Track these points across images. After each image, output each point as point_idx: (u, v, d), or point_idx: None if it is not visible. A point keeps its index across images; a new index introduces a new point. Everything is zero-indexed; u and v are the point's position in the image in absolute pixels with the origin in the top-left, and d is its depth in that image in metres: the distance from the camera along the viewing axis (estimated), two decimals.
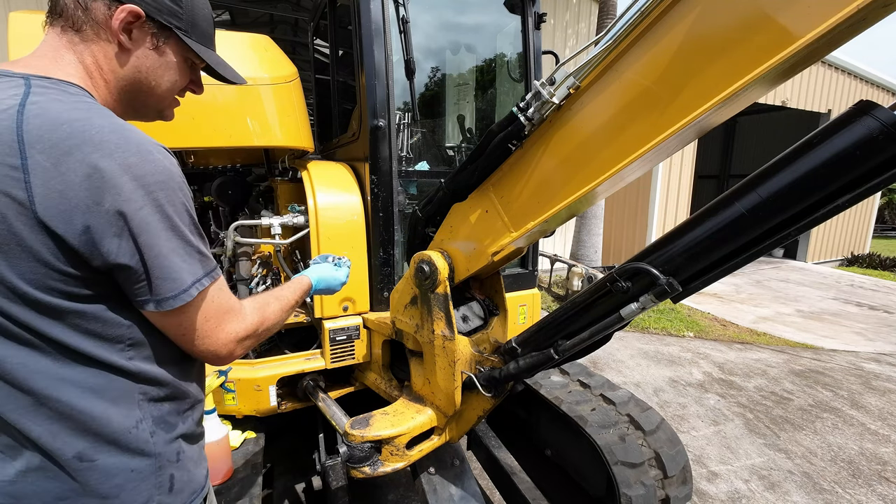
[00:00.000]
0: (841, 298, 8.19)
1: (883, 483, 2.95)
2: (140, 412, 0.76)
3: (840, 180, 0.85)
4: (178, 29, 0.82)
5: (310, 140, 2.21)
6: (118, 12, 0.74)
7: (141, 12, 0.76)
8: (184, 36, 0.83)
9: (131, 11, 0.75)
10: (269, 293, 1.01)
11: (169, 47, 0.83)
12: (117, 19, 0.74)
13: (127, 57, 0.79)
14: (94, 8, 0.74)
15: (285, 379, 2.01)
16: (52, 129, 0.63)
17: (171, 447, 0.81)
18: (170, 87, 0.87)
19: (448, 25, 2.68)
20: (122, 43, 0.77)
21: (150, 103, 0.88)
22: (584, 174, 1.12)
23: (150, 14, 0.77)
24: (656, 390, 4.23)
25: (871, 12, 0.69)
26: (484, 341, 1.65)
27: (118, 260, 0.67)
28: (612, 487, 1.62)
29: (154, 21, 0.78)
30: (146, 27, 0.79)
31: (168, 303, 0.72)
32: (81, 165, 0.63)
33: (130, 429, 0.75)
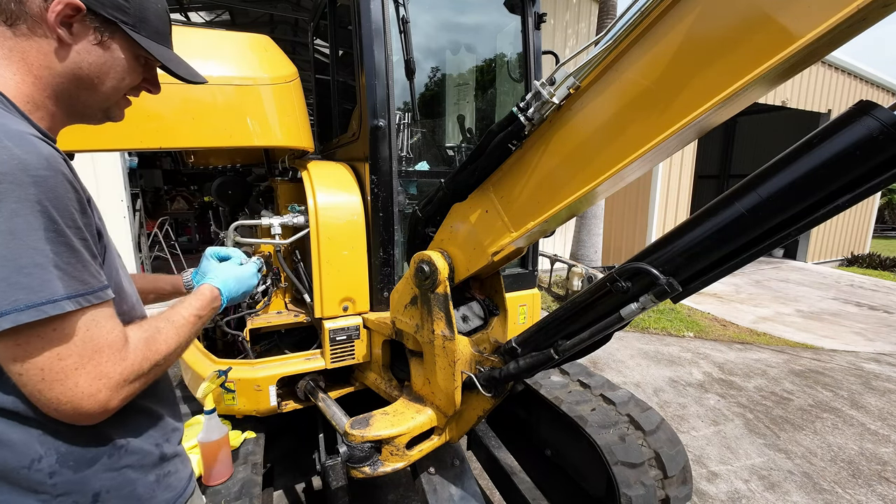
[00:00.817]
0: (841, 298, 8.19)
1: (883, 483, 2.95)
2: (40, 448, 0.66)
3: (840, 180, 0.85)
4: (125, 24, 0.75)
5: (310, 140, 2.21)
6: (55, 4, 0.68)
7: (80, 5, 0.69)
8: (131, 31, 0.76)
9: (70, 4, 0.68)
10: (155, 318, 0.83)
11: (115, 43, 0.76)
12: (53, 12, 0.68)
13: (66, 52, 0.72)
14: (29, 1, 0.68)
15: (285, 379, 2.01)
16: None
17: (83, 487, 0.70)
18: (115, 84, 0.80)
19: (448, 25, 2.68)
20: (60, 38, 0.71)
21: (93, 102, 0.81)
22: (585, 174, 1.13)
23: (91, 7, 0.71)
24: (656, 390, 4.23)
25: (871, 12, 0.69)
26: (484, 341, 1.65)
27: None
28: (612, 487, 1.62)
29: (97, 15, 0.72)
30: (88, 21, 0.72)
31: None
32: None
33: (21, 468, 0.65)
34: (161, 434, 0.84)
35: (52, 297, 0.59)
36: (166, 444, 0.84)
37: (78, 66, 0.74)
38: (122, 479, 0.75)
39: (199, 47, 1.78)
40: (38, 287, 0.58)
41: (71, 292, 0.62)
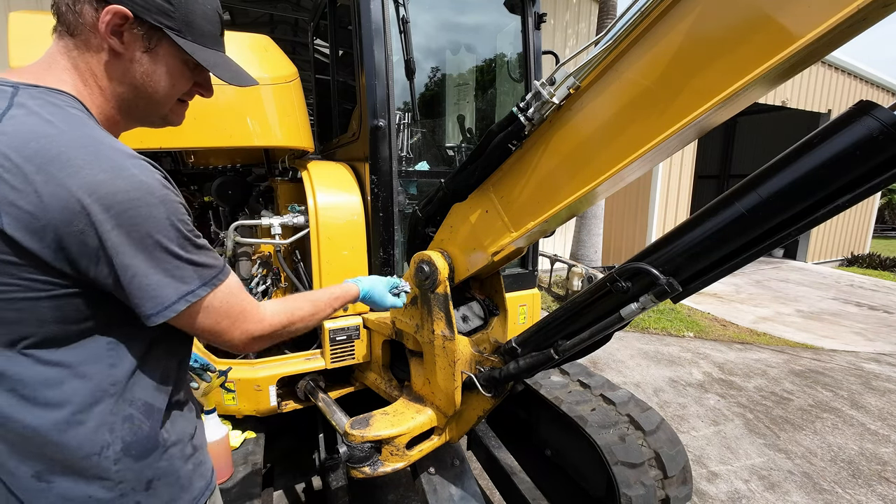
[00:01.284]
0: (841, 298, 8.19)
1: (883, 483, 2.95)
2: (108, 436, 0.73)
3: (840, 180, 0.85)
4: (170, 29, 0.76)
5: (310, 140, 2.21)
6: (104, 14, 0.70)
7: (128, 13, 0.70)
8: (176, 36, 0.77)
9: (117, 13, 0.70)
10: (304, 295, 1.02)
11: (162, 49, 0.77)
12: (103, 22, 0.70)
13: (120, 61, 0.75)
14: (83, 11, 0.70)
15: (285, 379, 2.01)
16: (21, 146, 0.61)
17: (140, 475, 0.76)
18: (168, 91, 0.82)
19: (448, 25, 2.68)
20: (112, 48, 0.73)
21: (151, 110, 0.83)
22: (585, 174, 1.13)
23: (138, 14, 0.72)
24: (656, 390, 4.23)
25: (872, 12, 0.69)
26: (484, 341, 1.65)
27: (97, 279, 0.67)
28: (612, 487, 1.62)
29: (143, 22, 0.73)
30: (136, 29, 0.73)
31: (152, 319, 0.70)
32: (49, 185, 0.60)
33: (91, 455, 0.71)
34: (192, 426, 0.90)
35: (191, 288, 0.73)
36: (196, 435, 0.90)
37: (132, 75, 0.77)
38: (169, 467, 0.81)
39: None
40: (184, 280, 0.72)
41: (204, 280, 0.75)
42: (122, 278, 0.67)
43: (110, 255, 0.65)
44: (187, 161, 2.92)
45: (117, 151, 0.67)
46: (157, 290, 0.70)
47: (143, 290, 0.69)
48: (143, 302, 0.69)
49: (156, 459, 0.79)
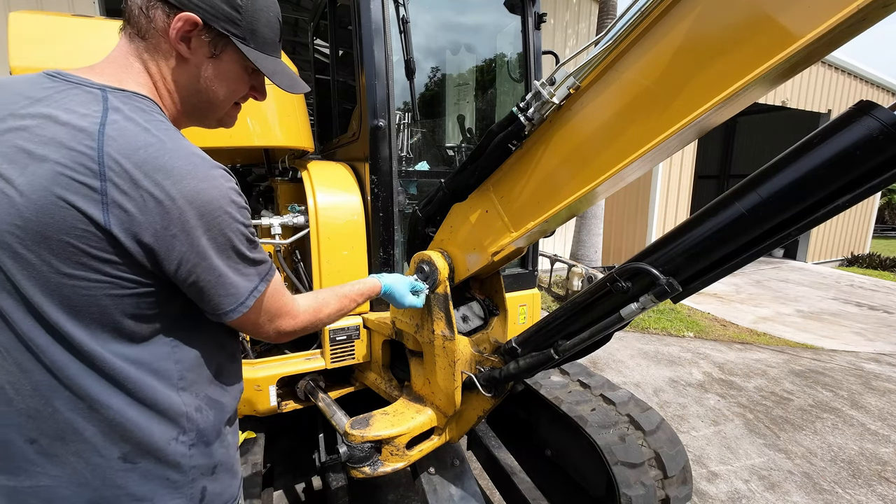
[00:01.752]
0: (841, 298, 8.19)
1: (883, 483, 2.95)
2: (185, 424, 0.79)
3: (840, 180, 0.85)
4: (236, 37, 0.79)
5: (310, 140, 2.21)
6: (175, 21, 0.73)
7: (198, 20, 0.74)
8: (241, 44, 0.80)
9: (188, 20, 0.73)
10: (331, 290, 1.09)
11: (226, 56, 0.81)
12: (174, 29, 0.74)
13: (187, 66, 0.79)
14: (156, 16, 0.74)
15: (285, 379, 2.01)
16: (131, 153, 0.65)
17: (208, 461, 0.83)
18: (227, 96, 0.86)
19: (448, 25, 2.68)
20: (180, 53, 0.77)
21: (210, 112, 0.88)
22: (585, 174, 1.12)
23: (207, 21, 0.75)
24: (656, 390, 4.23)
25: (871, 12, 0.69)
26: (484, 341, 1.65)
27: (177, 278, 0.72)
28: (612, 487, 1.62)
29: (211, 29, 0.77)
30: (204, 36, 0.77)
31: (228, 315, 0.78)
32: (154, 190, 0.66)
33: (170, 441, 0.77)
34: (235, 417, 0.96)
35: (255, 284, 0.80)
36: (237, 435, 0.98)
37: (196, 79, 0.81)
38: (225, 455, 0.88)
39: None
40: (250, 277, 0.79)
41: (262, 275, 0.81)
42: (206, 278, 0.73)
43: (198, 258, 0.71)
44: None
45: (206, 161, 0.73)
46: (235, 289, 0.77)
47: (224, 289, 0.76)
48: (223, 300, 0.76)
49: (218, 447, 0.85)
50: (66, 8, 5.04)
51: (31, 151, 0.63)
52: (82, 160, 0.63)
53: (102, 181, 0.63)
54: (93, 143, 0.64)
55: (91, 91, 0.69)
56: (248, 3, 0.80)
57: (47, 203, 0.62)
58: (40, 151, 0.63)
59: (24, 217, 0.62)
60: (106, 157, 0.64)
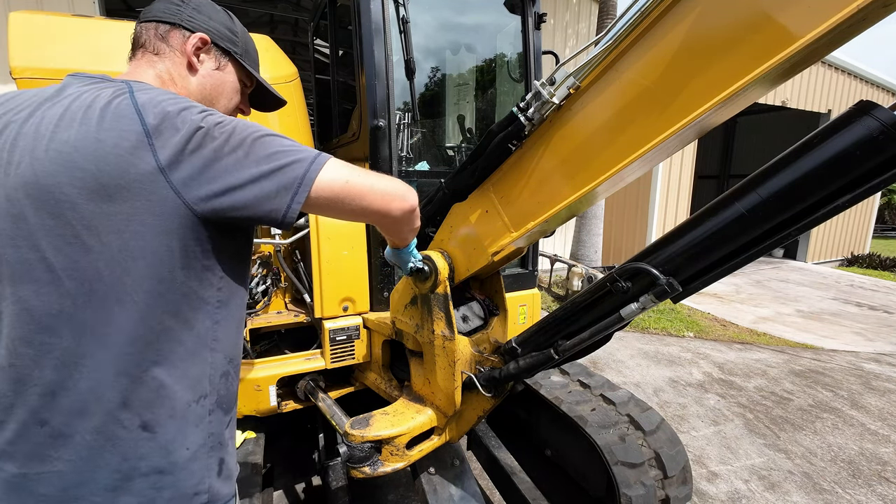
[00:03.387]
0: (841, 298, 8.19)
1: (883, 483, 2.95)
2: (208, 386, 0.81)
3: (840, 180, 0.85)
4: (236, 53, 0.99)
5: (310, 140, 2.21)
6: (191, 38, 0.91)
7: (208, 39, 0.93)
8: (239, 59, 0.99)
9: (202, 38, 0.92)
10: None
11: (228, 68, 0.99)
12: (190, 44, 0.91)
13: (195, 74, 0.94)
14: (172, 37, 0.90)
15: (285, 379, 2.01)
16: (159, 101, 0.74)
17: (224, 431, 0.85)
18: (227, 103, 1.01)
19: (448, 25, 2.68)
20: (191, 63, 0.92)
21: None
22: (585, 174, 1.12)
23: (214, 40, 0.94)
24: (656, 390, 4.23)
25: (872, 12, 0.69)
26: (484, 341, 1.65)
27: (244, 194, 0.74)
28: (612, 487, 1.62)
29: (217, 46, 0.95)
30: (212, 51, 0.95)
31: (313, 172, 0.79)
32: (188, 122, 0.72)
33: (192, 402, 0.78)
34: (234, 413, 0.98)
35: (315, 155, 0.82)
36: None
37: (203, 87, 0.95)
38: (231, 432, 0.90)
39: None
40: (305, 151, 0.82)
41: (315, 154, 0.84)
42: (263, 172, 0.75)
43: (250, 158, 0.75)
44: None
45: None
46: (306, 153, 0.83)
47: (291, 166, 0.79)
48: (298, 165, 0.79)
49: (231, 418, 0.88)
50: (66, 8, 5.04)
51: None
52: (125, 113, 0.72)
53: (144, 124, 0.70)
54: (129, 102, 0.72)
55: (114, 83, 0.79)
56: (241, 32, 1.02)
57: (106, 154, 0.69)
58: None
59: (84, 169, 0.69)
60: (141, 107, 0.72)
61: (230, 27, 0.99)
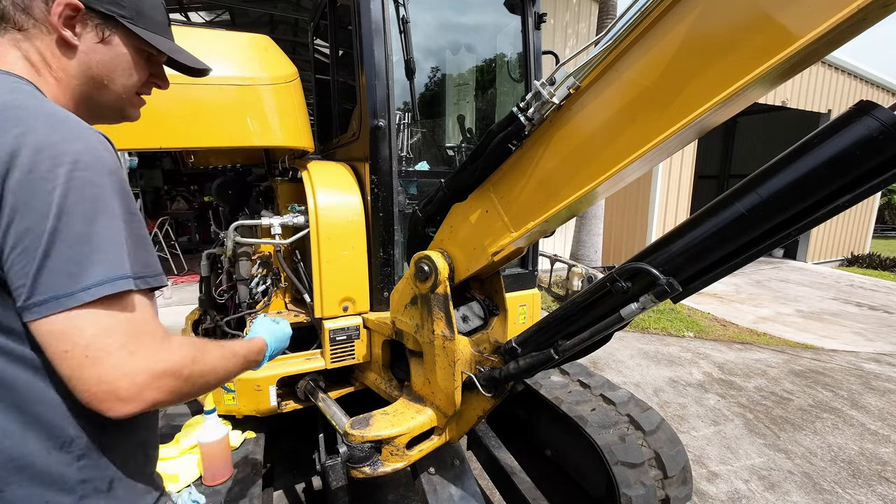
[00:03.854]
0: (841, 298, 8.19)
1: (883, 483, 2.95)
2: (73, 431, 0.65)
3: (840, 180, 0.85)
4: (123, 17, 0.76)
5: (310, 140, 2.21)
6: (55, 6, 0.70)
7: (79, 4, 0.71)
8: (130, 24, 0.77)
9: (68, 4, 0.70)
10: (207, 340, 0.84)
11: (117, 38, 0.77)
12: (55, 14, 0.70)
13: (73, 53, 0.74)
14: (33, 6, 0.70)
15: (285, 379, 2.01)
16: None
17: (103, 473, 0.69)
18: (125, 82, 0.81)
19: (448, 25, 2.68)
20: (66, 39, 0.72)
21: (108, 102, 0.82)
22: (585, 174, 1.12)
23: (88, 4, 0.72)
24: (656, 390, 4.23)
25: (872, 12, 0.69)
26: (484, 341, 1.65)
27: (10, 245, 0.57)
28: (612, 487, 1.62)
29: (95, 11, 0.73)
30: (88, 19, 0.73)
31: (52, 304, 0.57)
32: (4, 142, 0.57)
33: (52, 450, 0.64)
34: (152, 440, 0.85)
35: (124, 273, 0.62)
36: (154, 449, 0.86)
37: (88, 67, 0.76)
38: (134, 468, 0.74)
39: (199, 47, 1.78)
40: (113, 263, 0.62)
41: (136, 272, 0.65)
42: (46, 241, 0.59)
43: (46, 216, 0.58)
44: (187, 161, 2.93)
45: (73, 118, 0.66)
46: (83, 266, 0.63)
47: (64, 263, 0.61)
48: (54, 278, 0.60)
49: (117, 456, 0.72)
50: None
51: None
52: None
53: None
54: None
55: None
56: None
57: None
58: None
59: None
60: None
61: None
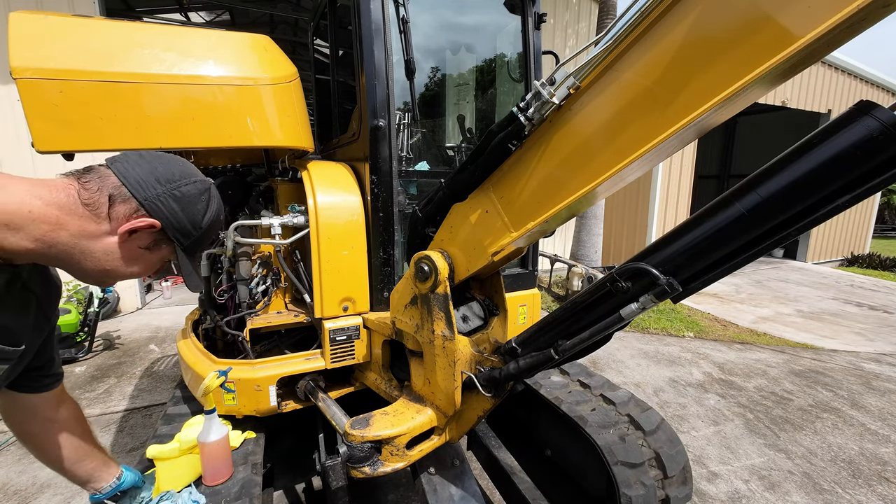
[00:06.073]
0: (841, 298, 8.19)
1: (883, 483, 2.95)
2: None
3: (840, 180, 0.85)
4: (179, 243, 0.90)
5: (310, 140, 2.20)
6: (137, 220, 0.82)
7: (158, 226, 0.84)
8: (181, 251, 0.91)
9: (151, 224, 0.83)
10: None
11: (158, 251, 0.90)
12: (132, 223, 0.81)
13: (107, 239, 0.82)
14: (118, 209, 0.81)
15: (285, 379, 2.01)
16: None
17: None
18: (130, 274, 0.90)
19: (448, 25, 2.68)
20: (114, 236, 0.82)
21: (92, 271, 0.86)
22: (585, 174, 1.12)
23: (164, 228, 0.86)
24: (656, 390, 4.23)
25: (872, 12, 0.69)
26: (484, 341, 1.65)
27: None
28: (612, 487, 1.62)
29: (163, 233, 0.86)
30: (152, 234, 0.86)
31: None
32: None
33: None
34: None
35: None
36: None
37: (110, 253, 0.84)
38: None
39: (199, 47, 1.78)
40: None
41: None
42: None
43: None
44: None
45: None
46: None
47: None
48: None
49: None
50: (66, 8, 5.04)
51: None
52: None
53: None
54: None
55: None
56: (207, 225, 0.93)
57: None
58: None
59: None
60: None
61: (195, 223, 0.90)
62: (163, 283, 7.40)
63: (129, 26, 1.73)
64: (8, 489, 2.83)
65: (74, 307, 5.20)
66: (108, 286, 0.98)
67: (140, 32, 1.71)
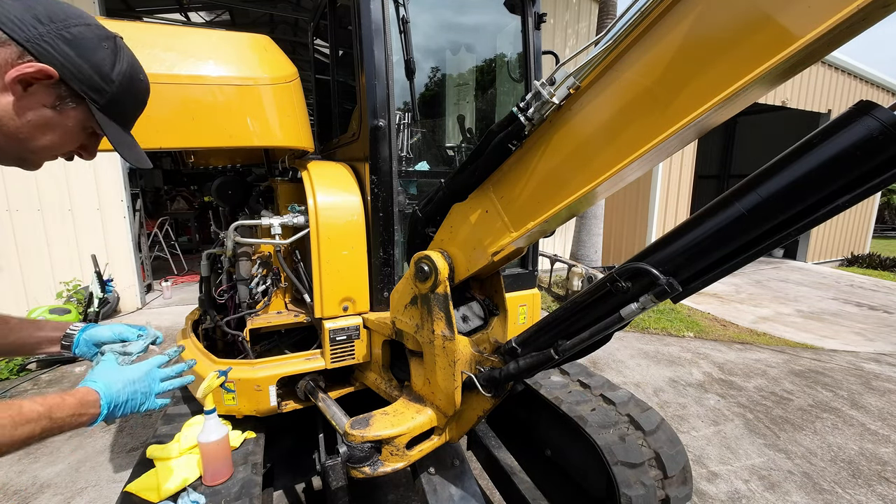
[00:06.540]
0: (841, 298, 8.19)
1: (883, 483, 2.95)
2: None
3: (840, 180, 0.85)
4: (94, 102, 0.77)
5: (310, 140, 2.21)
6: (25, 65, 0.68)
7: (54, 73, 0.71)
8: (96, 109, 0.78)
9: (42, 70, 0.69)
10: (15, 402, 0.76)
11: (72, 112, 0.77)
12: (18, 70, 0.68)
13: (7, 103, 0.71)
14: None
15: (285, 379, 2.01)
16: None
17: None
18: (49, 146, 0.79)
19: (448, 25, 2.68)
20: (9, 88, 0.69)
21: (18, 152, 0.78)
22: (585, 174, 1.12)
23: (64, 79, 0.72)
24: (656, 390, 4.23)
25: (872, 12, 0.69)
26: (484, 341, 1.65)
27: None
28: (612, 487, 1.62)
29: (66, 86, 0.73)
30: (53, 89, 0.73)
31: None
32: None
33: None
34: None
35: None
36: None
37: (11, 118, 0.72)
38: None
39: (199, 47, 1.78)
40: None
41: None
42: None
43: None
44: (187, 161, 2.92)
45: None
46: None
47: None
48: None
49: None
50: None
51: None
52: None
53: None
54: None
55: None
56: (123, 81, 0.80)
57: None
58: None
59: None
60: None
61: (103, 74, 0.76)
62: (163, 283, 7.40)
63: (128, 26, 1.73)
64: (8, 489, 2.83)
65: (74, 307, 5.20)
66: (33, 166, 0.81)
67: (140, 32, 1.71)
